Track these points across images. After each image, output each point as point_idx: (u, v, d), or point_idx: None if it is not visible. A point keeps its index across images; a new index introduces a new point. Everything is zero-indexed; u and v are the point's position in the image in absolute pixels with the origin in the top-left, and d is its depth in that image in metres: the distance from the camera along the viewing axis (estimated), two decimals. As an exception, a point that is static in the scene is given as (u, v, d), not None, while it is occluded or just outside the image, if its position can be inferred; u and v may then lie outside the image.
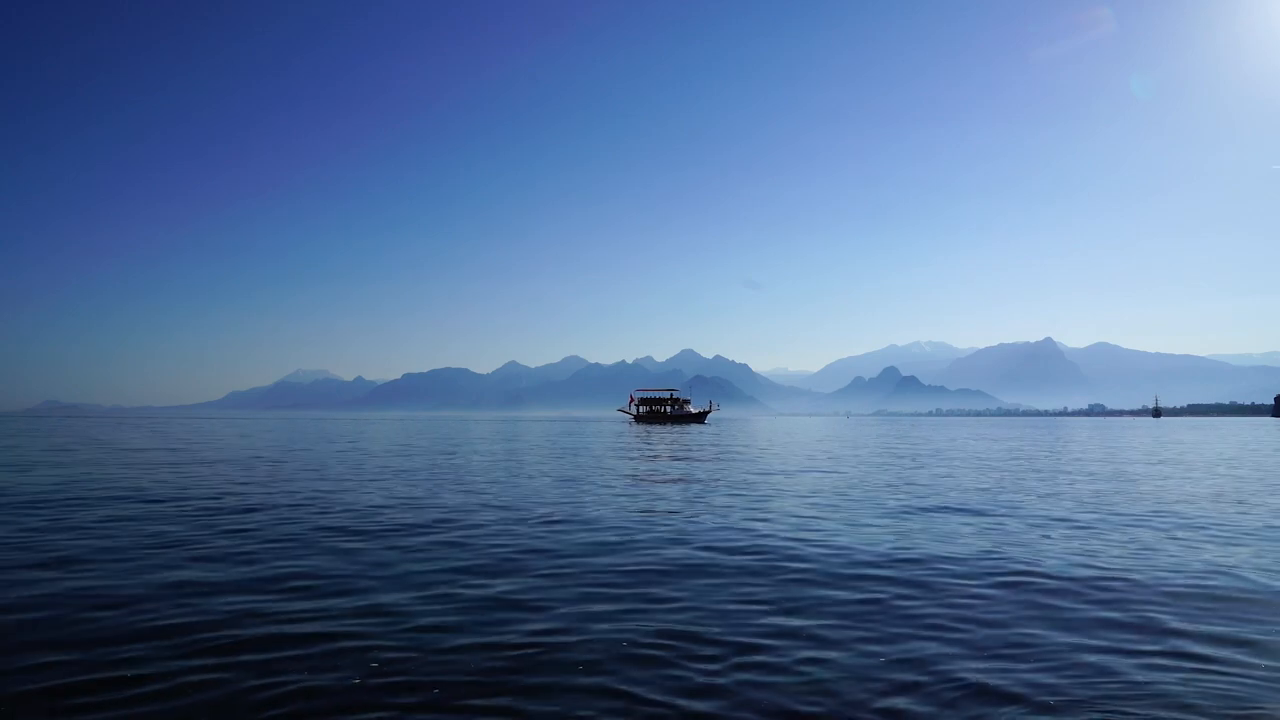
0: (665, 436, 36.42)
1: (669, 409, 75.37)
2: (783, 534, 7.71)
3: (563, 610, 4.79)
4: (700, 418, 76.50)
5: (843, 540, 7.38)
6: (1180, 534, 7.95)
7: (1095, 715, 3.31)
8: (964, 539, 7.56)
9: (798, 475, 14.85)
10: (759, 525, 8.30)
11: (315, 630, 4.36)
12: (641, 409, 76.65)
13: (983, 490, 12.35)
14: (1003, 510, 9.81)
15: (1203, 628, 4.54)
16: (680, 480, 13.60)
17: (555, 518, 8.80)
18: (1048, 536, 7.74)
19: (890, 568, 6.13)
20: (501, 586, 5.43)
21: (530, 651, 4.05)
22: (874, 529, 8.13)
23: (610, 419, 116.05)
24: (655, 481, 13.38)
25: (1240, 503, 10.77)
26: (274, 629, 4.37)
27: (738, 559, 6.46)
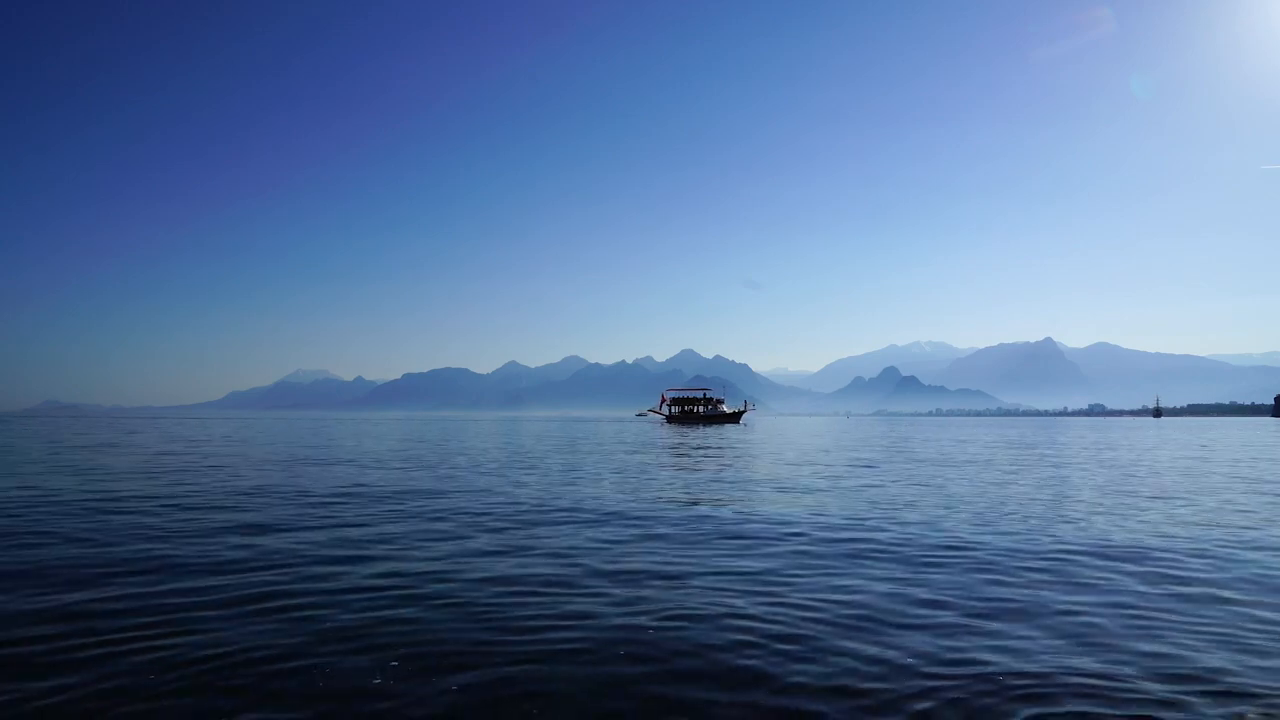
0: (722, 439, 32.23)
1: (702, 409, 72.93)
2: None
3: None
4: (735, 418, 73.57)
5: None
6: None
7: None
8: None
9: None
10: None
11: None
12: (674, 409, 74.17)
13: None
14: None
15: None
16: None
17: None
18: None
19: None
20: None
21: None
22: None
23: (618, 419, 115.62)
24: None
25: None
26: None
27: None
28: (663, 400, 75.81)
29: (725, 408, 73.77)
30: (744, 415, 76.00)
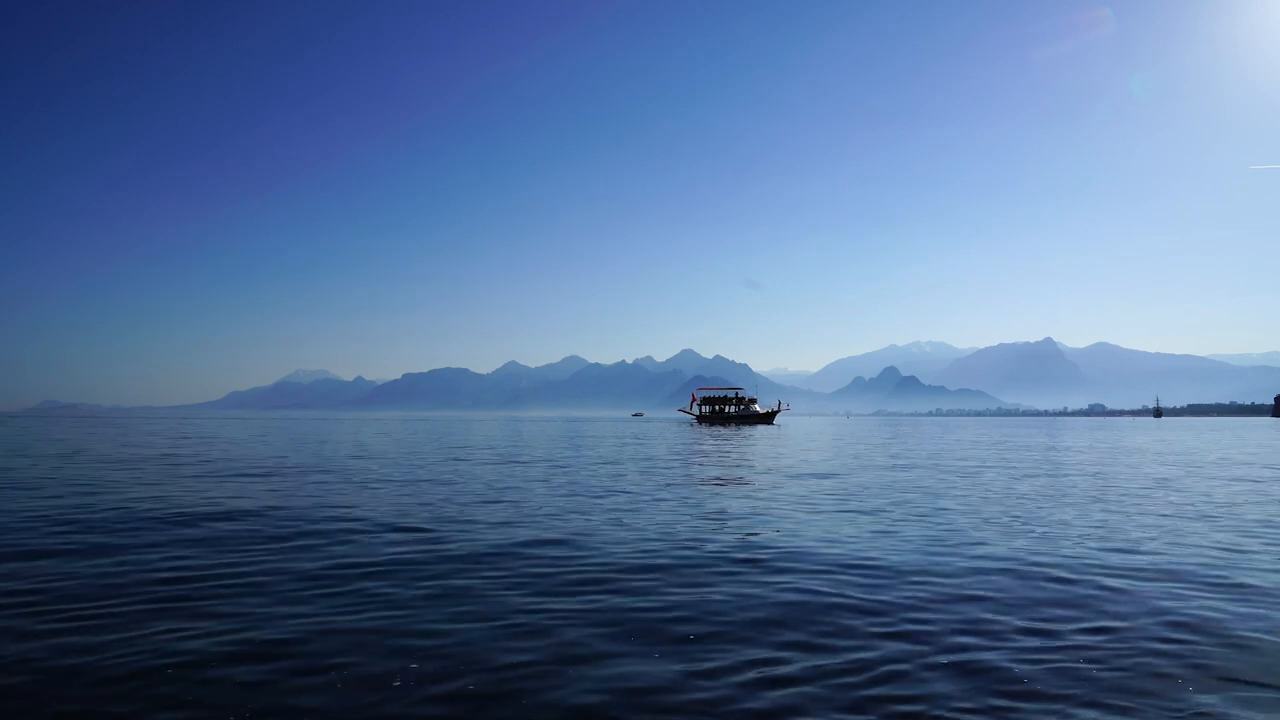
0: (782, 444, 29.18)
1: (734, 409, 71.40)
2: None
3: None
4: (769, 418, 71.41)
5: None
6: None
7: None
8: None
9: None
10: None
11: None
12: (704, 409, 72.81)
13: None
14: None
15: None
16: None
17: None
18: None
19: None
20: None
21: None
22: None
23: (620, 419, 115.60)
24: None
25: None
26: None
27: None
28: (693, 400, 74.45)
29: (758, 407, 71.94)
30: (776, 415, 73.94)
